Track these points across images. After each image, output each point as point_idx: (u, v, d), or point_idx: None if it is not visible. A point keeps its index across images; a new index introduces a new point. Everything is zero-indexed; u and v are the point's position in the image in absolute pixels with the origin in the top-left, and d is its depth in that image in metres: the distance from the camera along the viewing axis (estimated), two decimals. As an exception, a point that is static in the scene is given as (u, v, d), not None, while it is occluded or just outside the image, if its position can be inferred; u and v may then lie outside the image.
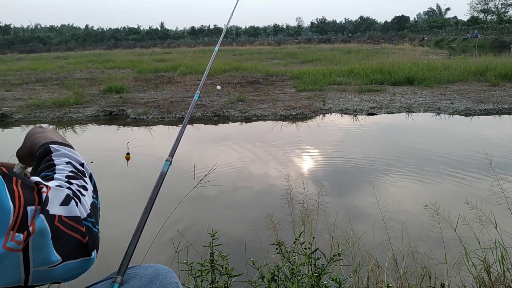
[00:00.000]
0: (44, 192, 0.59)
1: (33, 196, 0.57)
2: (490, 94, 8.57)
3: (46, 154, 0.75)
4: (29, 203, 0.56)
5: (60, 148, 0.76)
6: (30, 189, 0.58)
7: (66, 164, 0.72)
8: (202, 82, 1.69)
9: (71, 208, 0.62)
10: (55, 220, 0.58)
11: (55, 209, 0.59)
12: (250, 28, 79.59)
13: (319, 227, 2.34)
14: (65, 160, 0.73)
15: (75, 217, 0.62)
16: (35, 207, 0.56)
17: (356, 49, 24.91)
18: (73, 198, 0.63)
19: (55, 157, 0.74)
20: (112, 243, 2.99)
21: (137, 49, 40.33)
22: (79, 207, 0.64)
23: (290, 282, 1.58)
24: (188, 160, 4.48)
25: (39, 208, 0.57)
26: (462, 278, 1.88)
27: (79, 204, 0.64)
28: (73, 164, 0.74)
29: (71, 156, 0.76)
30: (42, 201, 0.58)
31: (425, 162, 4.52)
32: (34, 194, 0.58)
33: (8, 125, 7.54)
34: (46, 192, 0.60)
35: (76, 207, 0.63)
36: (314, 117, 7.31)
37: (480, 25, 46.13)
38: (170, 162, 1.19)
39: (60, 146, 0.77)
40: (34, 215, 0.56)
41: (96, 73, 15.34)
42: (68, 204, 0.62)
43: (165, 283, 0.87)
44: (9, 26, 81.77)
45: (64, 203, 0.61)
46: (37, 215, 0.56)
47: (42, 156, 0.75)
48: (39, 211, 0.57)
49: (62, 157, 0.74)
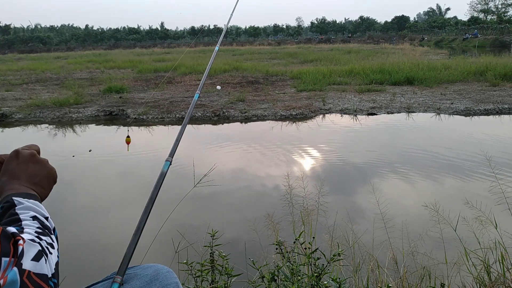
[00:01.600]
0: (21, 245, 0.58)
1: (9, 248, 0.56)
2: (490, 94, 8.57)
3: (10, 207, 0.71)
4: (4, 254, 0.54)
5: (24, 202, 0.72)
6: (7, 240, 0.56)
7: (32, 220, 0.70)
8: (202, 82, 1.69)
9: (41, 264, 0.60)
10: (25, 275, 0.57)
11: (27, 263, 0.58)
12: (250, 28, 79.57)
13: (319, 227, 2.34)
14: (31, 215, 0.70)
15: (43, 275, 0.60)
16: (9, 258, 0.55)
17: (356, 49, 24.90)
18: (43, 255, 0.62)
19: (19, 210, 0.70)
20: (112, 243, 2.99)
21: (137, 49, 40.31)
22: (47, 264, 0.62)
23: (290, 282, 1.58)
24: (188, 160, 4.48)
25: (13, 260, 0.56)
26: (462, 278, 1.88)
27: (47, 262, 0.62)
28: (39, 219, 0.71)
29: (36, 209, 0.72)
30: (18, 254, 0.56)
31: (425, 162, 4.52)
32: (10, 245, 0.56)
33: (8, 125, 7.54)
34: (22, 244, 0.58)
35: (45, 264, 0.61)
36: (314, 117, 7.31)
37: (480, 25, 46.12)
38: (170, 162, 1.19)
39: (24, 200, 0.73)
40: (7, 267, 0.54)
41: (96, 73, 15.34)
42: (39, 261, 0.60)
43: (165, 283, 0.87)
44: (9, 26, 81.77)
45: (35, 258, 0.60)
46: (9, 267, 0.55)
47: (6, 210, 0.71)
48: (13, 263, 0.55)
49: (27, 211, 0.71)
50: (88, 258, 2.82)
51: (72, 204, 3.76)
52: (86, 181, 4.37)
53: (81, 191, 4.12)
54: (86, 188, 4.20)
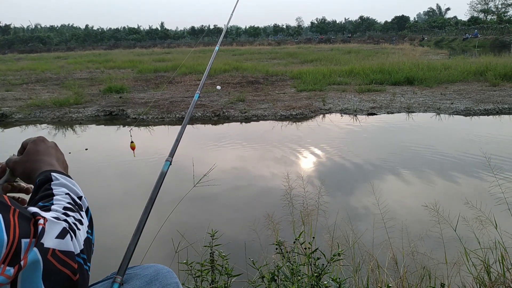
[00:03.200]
0: (41, 224, 0.58)
1: (29, 228, 0.56)
2: (490, 94, 8.57)
3: (46, 182, 0.73)
4: (24, 235, 0.54)
5: (60, 178, 0.74)
6: (26, 220, 0.57)
7: (64, 195, 0.71)
8: (202, 82, 1.69)
9: (66, 242, 0.60)
10: (49, 254, 0.57)
11: (50, 242, 0.58)
12: (250, 28, 79.56)
13: (319, 227, 2.34)
14: (64, 191, 0.72)
15: (68, 252, 0.60)
16: (30, 239, 0.55)
17: (356, 49, 24.90)
18: (69, 232, 0.62)
19: (55, 186, 0.72)
20: (112, 243, 2.99)
21: (137, 49, 40.33)
22: (73, 241, 0.61)
23: (290, 282, 1.58)
24: (188, 160, 4.47)
25: (34, 241, 0.56)
26: (462, 278, 1.88)
27: (74, 239, 0.62)
28: (72, 196, 0.72)
29: (71, 187, 0.74)
30: (38, 233, 0.56)
31: (425, 162, 4.52)
32: (30, 225, 0.56)
33: (8, 125, 7.54)
34: (43, 224, 0.58)
35: (71, 241, 0.61)
36: (314, 117, 7.31)
37: (480, 25, 46.13)
38: (170, 162, 1.19)
39: (61, 176, 0.75)
40: (28, 248, 0.54)
41: (96, 73, 15.34)
42: (63, 238, 0.60)
43: (165, 283, 0.87)
44: (9, 26, 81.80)
45: (60, 236, 0.59)
46: (30, 248, 0.55)
47: (41, 183, 0.72)
48: (34, 244, 0.55)
49: (61, 187, 0.72)
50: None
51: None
52: (86, 181, 4.37)
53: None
54: (86, 188, 4.17)
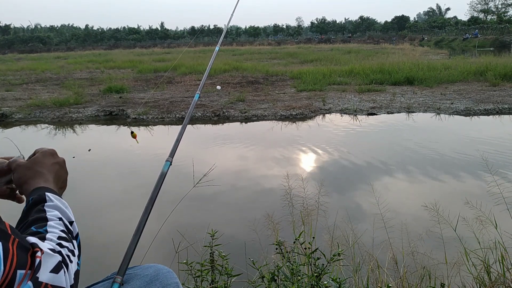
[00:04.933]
0: (38, 257, 0.58)
1: (27, 260, 0.56)
2: (490, 94, 8.57)
3: (39, 202, 0.72)
4: (20, 266, 0.55)
5: (54, 199, 0.73)
6: (25, 251, 0.57)
7: (58, 221, 0.70)
8: (202, 82, 1.69)
9: (59, 277, 0.60)
10: None
11: (44, 276, 0.58)
12: (250, 28, 79.53)
13: (319, 227, 2.34)
14: (57, 215, 0.71)
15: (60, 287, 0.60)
16: (25, 271, 0.55)
17: (356, 49, 24.89)
18: (63, 267, 0.62)
19: (48, 208, 0.71)
20: (112, 243, 2.99)
21: (137, 49, 40.29)
22: (65, 276, 0.62)
23: (290, 282, 1.58)
24: (188, 160, 4.47)
25: (29, 273, 0.56)
26: (462, 278, 1.88)
27: (66, 273, 0.62)
28: (64, 222, 0.72)
29: (63, 211, 0.73)
30: (34, 266, 0.57)
31: (425, 162, 4.52)
32: (28, 256, 0.57)
33: (8, 125, 7.54)
34: (39, 257, 0.58)
35: (63, 276, 0.61)
36: (314, 117, 7.31)
37: (480, 25, 46.11)
38: (170, 162, 1.19)
39: (55, 197, 0.74)
40: (22, 281, 0.54)
41: (96, 73, 15.34)
42: (58, 273, 0.60)
43: (165, 283, 0.87)
44: (9, 26, 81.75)
45: (54, 270, 0.60)
46: (24, 281, 0.55)
47: (35, 203, 0.72)
48: (29, 277, 0.55)
49: (55, 210, 0.72)
50: (88, 258, 2.81)
51: (72, 204, 3.73)
52: (86, 181, 4.37)
53: (81, 191, 4.11)
54: (86, 188, 4.20)
